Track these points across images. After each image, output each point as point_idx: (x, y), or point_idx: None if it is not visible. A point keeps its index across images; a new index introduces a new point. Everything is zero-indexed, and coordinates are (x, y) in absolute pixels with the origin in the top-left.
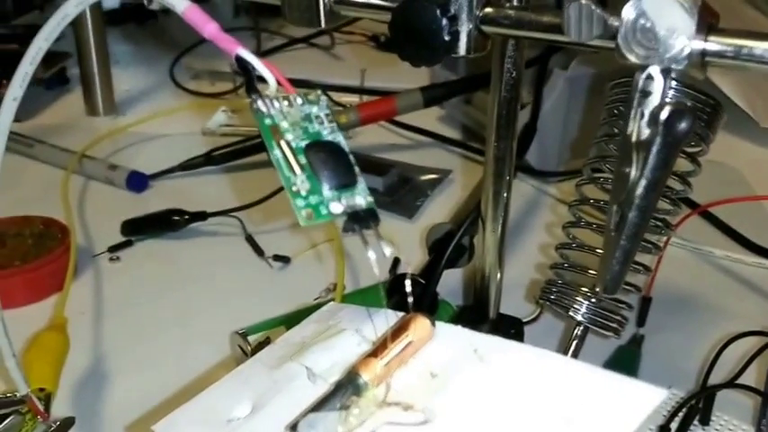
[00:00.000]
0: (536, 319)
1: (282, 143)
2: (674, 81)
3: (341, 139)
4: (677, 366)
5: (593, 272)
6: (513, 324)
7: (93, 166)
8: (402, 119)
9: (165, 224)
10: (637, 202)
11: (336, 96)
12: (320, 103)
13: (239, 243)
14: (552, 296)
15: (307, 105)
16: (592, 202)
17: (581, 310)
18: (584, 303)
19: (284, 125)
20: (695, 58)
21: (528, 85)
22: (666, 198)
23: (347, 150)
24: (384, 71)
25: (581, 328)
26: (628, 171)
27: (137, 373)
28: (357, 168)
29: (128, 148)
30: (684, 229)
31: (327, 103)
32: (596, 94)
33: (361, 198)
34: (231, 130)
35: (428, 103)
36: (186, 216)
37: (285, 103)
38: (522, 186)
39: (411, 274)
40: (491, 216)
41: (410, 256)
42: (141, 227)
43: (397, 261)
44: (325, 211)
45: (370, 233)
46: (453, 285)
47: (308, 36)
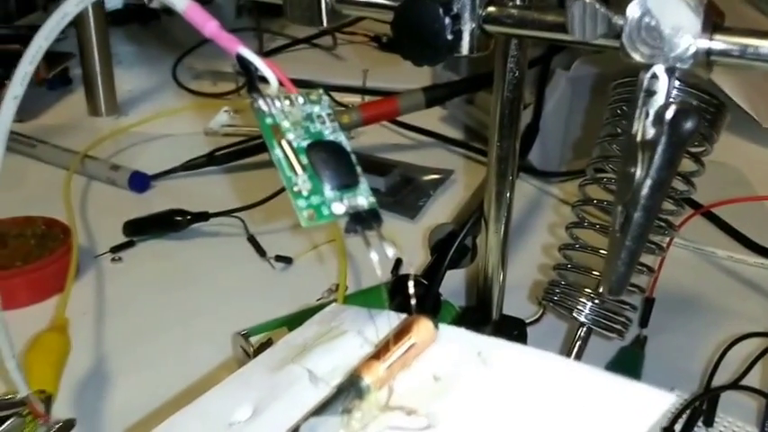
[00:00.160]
0: (539, 320)
1: (284, 143)
2: (677, 81)
3: (343, 139)
4: (680, 367)
5: (596, 273)
6: (516, 325)
7: (96, 167)
8: (404, 119)
9: (167, 224)
10: (642, 202)
11: (339, 96)
12: (322, 102)
13: (241, 243)
14: (555, 297)
15: (308, 105)
16: (595, 202)
17: (584, 312)
18: (587, 304)
19: (285, 125)
20: (701, 56)
21: (530, 86)
22: (670, 198)
23: (349, 150)
24: (386, 71)
25: (584, 330)
26: (633, 171)
27: (138, 374)
28: (359, 168)
29: (130, 149)
30: (687, 229)
31: (329, 103)
32: (598, 95)
33: (363, 198)
34: (233, 130)
35: (430, 104)
36: (188, 216)
37: (286, 102)
38: (525, 187)
39: (413, 274)
40: (494, 216)
41: (413, 256)
42: (143, 227)
43: (399, 262)
44: (327, 212)
45: (372, 234)
46: (456, 286)
47: (310, 36)
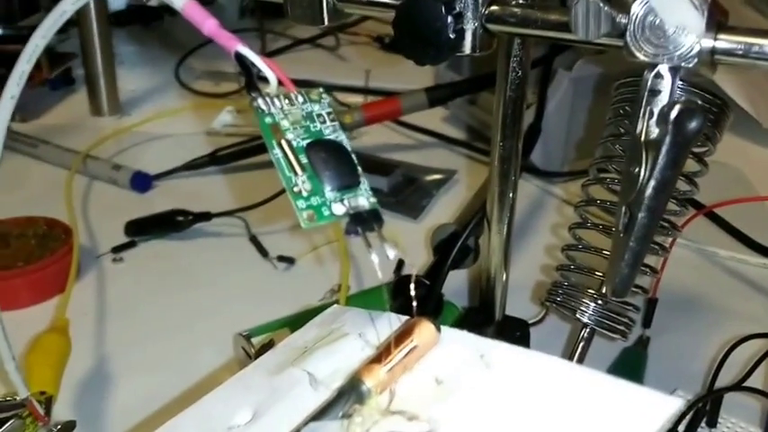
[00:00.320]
0: (542, 320)
1: (283, 142)
2: (680, 80)
3: (343, 138)
4: (683, 368)
5: (599, 273)
6: (519, 326)
7: (97, 167)
8: (407, 119)
9: (169, 225)
10: (646, 202)
11: (341, 97)
12: (322, 101)
13: (243, 244)
14: (558, 298)
15: (308, 104)
16: (598, 202)
17: (587, 313)
18: (590, 305)
19: (285, 124)
20: (705, 56)
21: (533, 86)
22: (673, 199)
23: (350, 150)
24: (389, 72)
25: (587, 331)
26: (636, 171)
27: (139, 375)
28: (360, 168)
29: (132, 149)
30: (689, 229)
31: (329, 102)
32: (601, 95)
33: (364, 199)
34: (236, 130)
35: (433, 104)
36: (190, 216)
37: (286, 101)
38: (527, 187)
39: (416, 275)
40: (496, 217)
41: (415, 256)
42: (145, 227)
43: (401, 262)
44: (327, 213)
45: (373, 235)
46: (458, 286)
47: (312, 37)
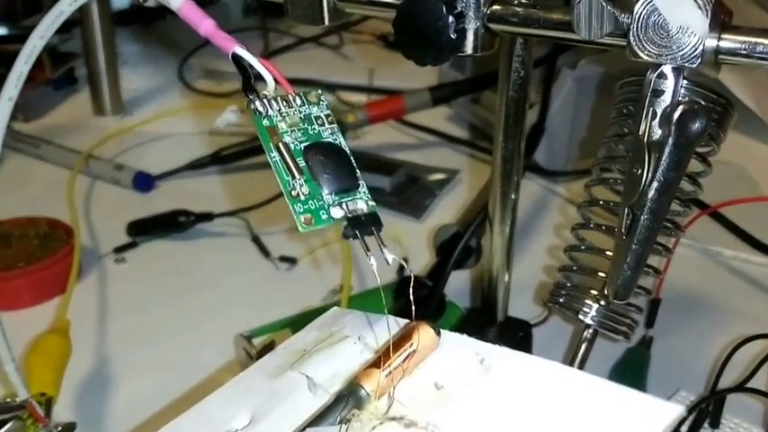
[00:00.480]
0: (544, 321)
1: (281, 145)
2: (684, 79)
3: (342, 141)
4: (686, 369)
5: (602, 274)
6: (521, 327)
7: (100, 167)
8: (410, 118)
9: (171, 225)
10: (649, 204)
11: (344, 96)
12: (320, 103)
13: (246, 244)
14: (561, 299)
15: (306, 106)
16: (601, 203)
17: (590, 313)
18: (593, 306)
19: (282, 126)
20: (709, 55)
21: (536, 85)
22: (677, 199)
23: (348, 152)
24: (392, 71)
25: (590, 331)
26: (639, 172)
27: (140, 376)
28: (359, 171)
29: (134, 148)
30: (692, 229)
31: (328, 104)
32: (605, 94)
33: (362, 202)
34: (239, 129)
35: (436, 103)
36: (192, 217)
37: (284, 103)
38: (531, 186)
39: (417, 276)
40: (499, 217)
41: (418, 256)
42: (147, 228)
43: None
44: (325, 216)
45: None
46: (461, 287)
47: (316, 36)
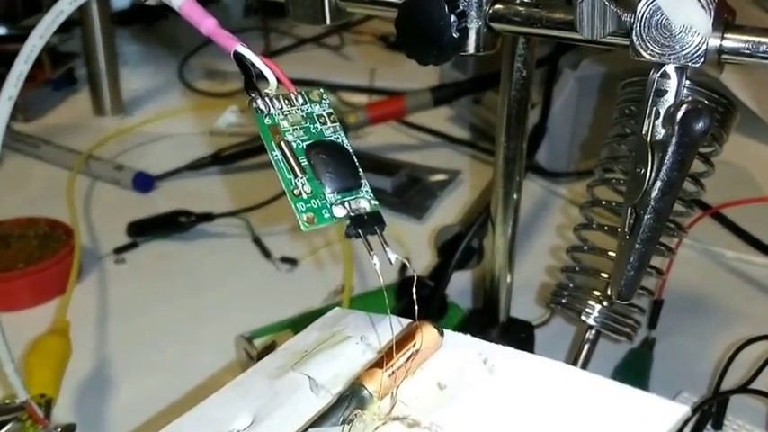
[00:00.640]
0: (547, 322)
1: (282, 144)
2: (686, 80)
3: (344, 140)
4: (689, 370)
5: (605, 275)
6: (524, 328)
7: (100, 167)
8: (411, 119)
9: (172, 225)
10: (652, 204)
11: (345, 96)
12: (322, 102)
13: (246, 245)
14: (563, 300)
15: (308, 105)
16: (604, 203)
17: (593, 314)
18: (595, 307)
19: (284, 125)
20: (712, 55)
21: (538, 85)
22: (679, 200)
23: (350, 150)
24: (393, 71)
25: (593, 332)
26: (642, 172)
27: (140, 377)
28: (361, 170)
29: (135, 149)
30: (695, 230)
31: (330, 102)
32: (607, 94)
33: (365, 201)
34: (240, 130)
35: (437, 103)
36: (193, 217)
37: (286, 102)
38: (532, 187)
39: (419, 276)
40: (501, 217)
41: (420, 257)
42: (147, 228)
43: (405, 263)
44: (327, 215)
45: (375, 237)
46: (463, 288)
47: (317, 36)
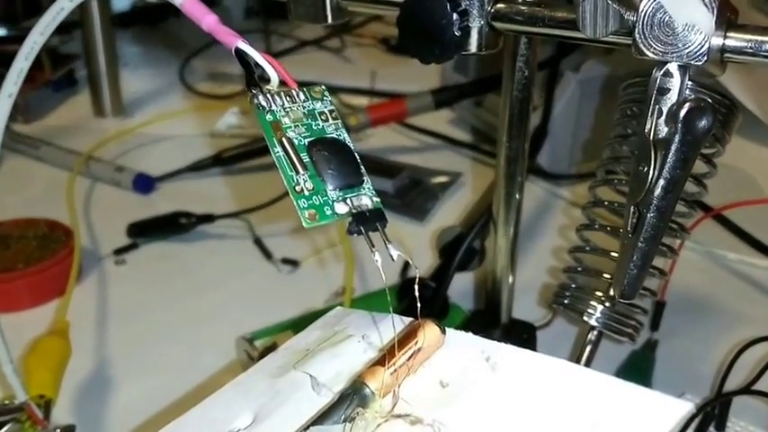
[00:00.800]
0: (549, 323)
1: (284, 140)
2: (689, 80)
3: (346, 137)
4: (692, 371)
5: (607, 275)
6: (526, 329)
7: (100, 168)
8: (412, 121)
9: (172, 226)
10: (655, 202)
11: (346, 98)
12: (324, 98)
13: (247, 246)
14: (566, 300)
15: (310, 101)
16: (606, 204)
17: (595, 315)
18: (598, 308)
19: (286, 121)
20: (714, 54)
21: (539, 88)
22: (682, 200)
23: (352, 147)
24: (394, 73)
25: (595, 333)
26: (645, 170)
27: (140, 378)
28: (363, 167)
29: (135, 150)
30: (697, 232)
31: (331, 99)
32: (608, 96)
33: (367, 198)
34: (241, 131)
35: (439, 106)
36: (193, 218)
37: (287, 98)
38: (534, 189)
39: (421, 277)
40: (503, 218)
41: (421, 259)
42: (147, 229)
43: (407, 264)
44: (329, 212)
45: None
46: (464, 289)
47: (318, 38)
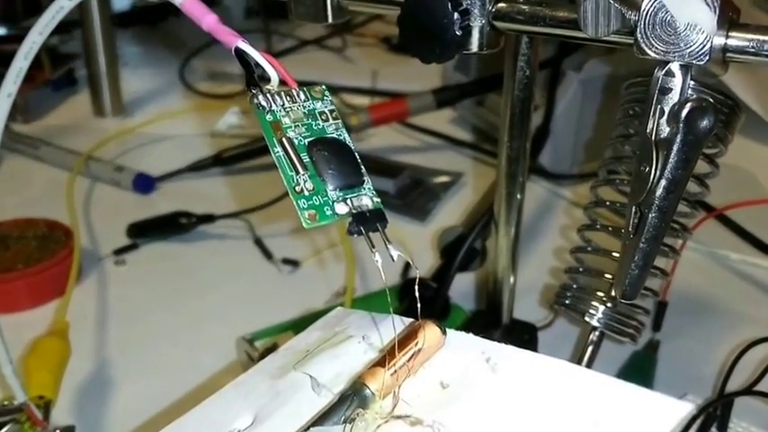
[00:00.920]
0: (550, 324)
1: (284, 140)
2: (691, 80)
3: (346, 137)
4: (694, 372)
5: (608, 276)
6: (527, 329)
7: (100, 168)
8: (414, 121)
9: (172, 227)
10: (657, 202)
11: (347, 98)
12: (324, 98)
13: (248, 246)
14: (567, 301)
15: (310, 101)
16: (608, 204)
17: (597, 315)
18: (599, 308)
19: (286, 121)
20: (716, 53)
21: (541, 88)
22: (684, 200)
23: (353, 147)
24: (396, 73)
25: (597, 334)
26: (647, 170)
27: (140, 379)
28: (363, 167)
29: (135, 150)
30: (699, 232)
31: (332, 99)
32: (610, 96)
33: (367, 198)
34: (241, 131)
35: (440, 105)
36: (194, 218)
37: (287, 98)
38: (536, 189)
39: (422, 278)
40: (504, 218)
41: (422, 259)
42: (147, 229)
43: (408, 265)
44: (329, 212)
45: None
46: (466, 289)
47: (319, 38)
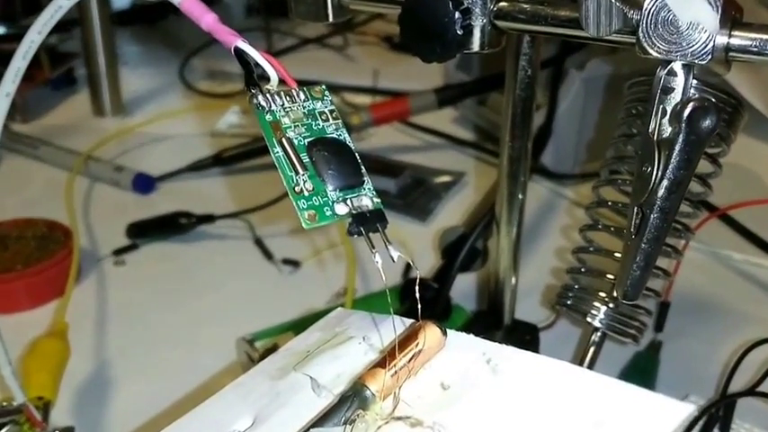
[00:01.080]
0: (552, 324)
1: (284, 140)
2: (694, 79)
3: (346, 137)
4: (696, 373)
5: (610, 276)
6: (529, 330)
7: (99, 168)
8: (415, 120)
9: (172, 227)
10: (659, 203)
11: (349, 97)
12: (324, 98)
13: (248, 246)
14: (569, 301)
15: (310, 101)
16: (610, 204)
17: (598, 316)
18: (601, 309)
19: (286, 121)
20: (719, 52)
21: (543, 87)
22: (686, 200)
23: (353, 148)
24: (397, 72)
25: (598, 335)
26: (649, 171)
27: (140, 380)
28: (363, 167)
29: (135, 150)
30: (702, 232)
31: (332, 99)
32: (613, 95)
33: (367, 199)
34: (241, 131)
35: (442, 104)
36: (193, 219)
37: (287, 98)
38: (538, 189)
39: (423, 278)
40: (505, 219)
41: (424, 259)
42: (147, 229)
43: (409, 265)
44: (329, 213)
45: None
46: (467, 290)
47: (320, 36)
